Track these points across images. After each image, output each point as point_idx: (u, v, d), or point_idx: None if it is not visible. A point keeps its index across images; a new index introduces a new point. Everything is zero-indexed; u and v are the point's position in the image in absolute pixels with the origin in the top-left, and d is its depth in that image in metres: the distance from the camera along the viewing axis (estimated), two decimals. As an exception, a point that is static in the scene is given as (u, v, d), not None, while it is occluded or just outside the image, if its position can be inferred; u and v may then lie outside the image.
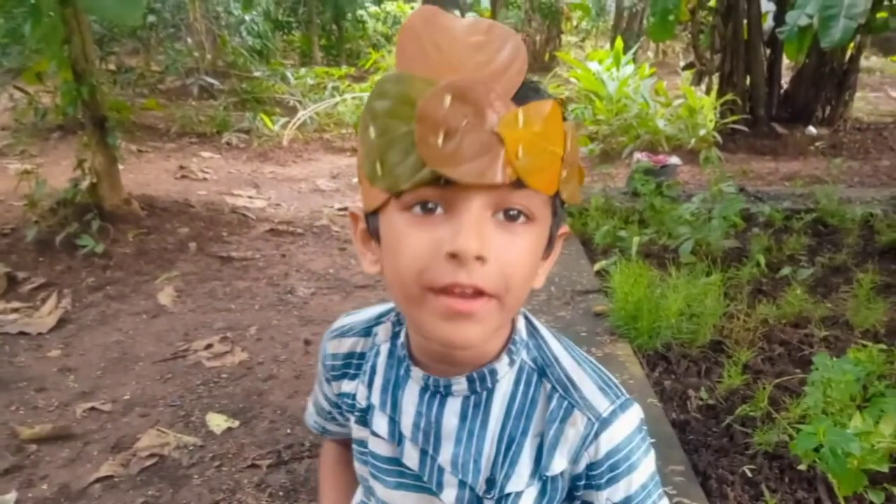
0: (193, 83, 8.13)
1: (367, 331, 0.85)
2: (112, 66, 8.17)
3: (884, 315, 2.62)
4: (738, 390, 2.18)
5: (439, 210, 0.62)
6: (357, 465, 0.87)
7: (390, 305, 0.84)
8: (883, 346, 2.16)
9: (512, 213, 0.63)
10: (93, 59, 3.82)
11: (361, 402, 0.83)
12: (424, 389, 0.76)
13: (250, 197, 4.95)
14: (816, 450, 1.37)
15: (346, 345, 0.86)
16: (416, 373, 0.76)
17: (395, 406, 0.79)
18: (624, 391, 0.76)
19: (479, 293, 0.62)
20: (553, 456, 0.73)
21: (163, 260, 3.61)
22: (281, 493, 1.93)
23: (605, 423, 0.72)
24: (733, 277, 3.01)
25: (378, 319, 0.85)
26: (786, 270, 3.10)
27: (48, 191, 3.77)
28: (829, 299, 2.87)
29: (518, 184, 0.60)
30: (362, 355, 0.84)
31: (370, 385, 0.82)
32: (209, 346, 2.75)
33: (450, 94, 0.58)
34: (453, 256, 0.60)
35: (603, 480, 0.73)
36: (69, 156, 4.69)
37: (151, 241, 3.78)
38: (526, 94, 0.62)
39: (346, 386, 0.86)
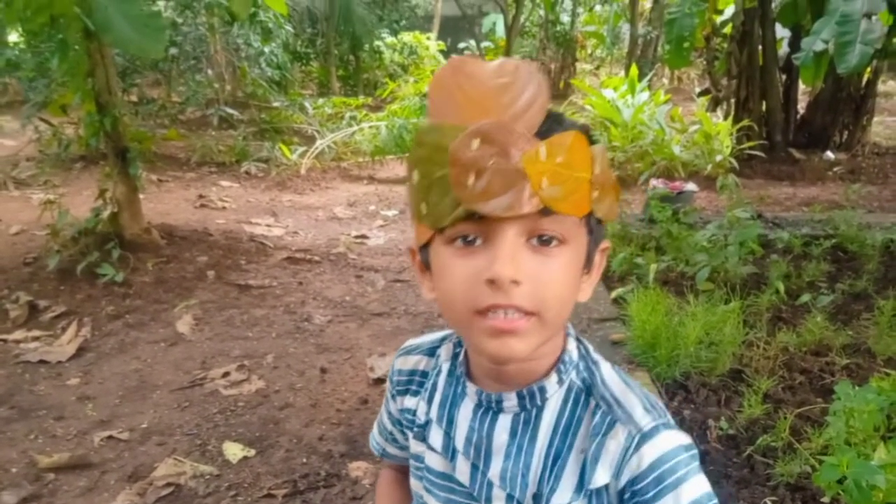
0: (213, 114, 8.25)
1: (431, 351, 0.91)
2: (134, 98, 8.33)
3: (906, 343, 2.58)
4: (759, 420, 2.15)
5: (478, 241, 0.69)
6: (413, 482, 0.92)
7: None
8: (906, 375, 2.12)
9: (544, 237, 0.68)
10: (116, 91, 3.90)
11: (421, 417, 0.88)
12: (478, 406, 0.81)
13: (268, 225, 4.99)
14: (840, 482, 1.35)
15: (412, 362, 0.92)
16: (471, 388, 0.82)
17: (451, 422, 0.84)
18: (669, 416, 0.77)
19: (518, 311, 0.68)
20: (595, 469, 0.75)
21: (181, 288, 3.64)
22: (297, 524, 1.92)
23: (645, 436, 0.73)
24: (752, 305, 2.98)
25: (442, 341, 0.91)
26: (805, 297, 3.07)
27: (70, 220, 3.83)
28: (850, 327, 2.83)
29: (546, 211, 0.66)
30: (425, 373, 0.91)
31: (430, 401, 0.88)
32: (226, 375, 2.76)
33: (477, 137, 0.65)
34: (491, 282, 0.66)
35: (649, 495, 0.72)
36: (91, 185, 4.78)
37: (170, 270, 3.82)
38: (549, 127, 0.68)
39: (409, 402, 0.91)
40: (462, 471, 0.82)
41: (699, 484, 0.73)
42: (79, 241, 3.79)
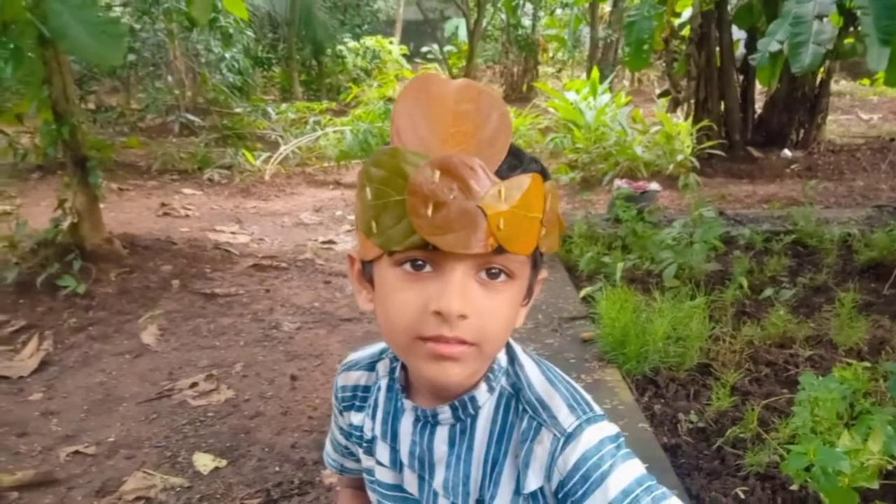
0: (174, 120, 8.14)
1: (371, 366, 0.91)
2: (92, 105, 8.18)
3: (866, 333, 2.66)
4: (728, 412, 2.19)
5: (427, 268, 0.68)
6: (369, 494, 0.93)
7: None
8: (866, 364, 2.18)
9: (493, 271, 0.69)
10: (73, 99, 3.82)
11: (368, 433, 0.90)
12: (417, 420, 0.82)
13: (233, 232, 4.93)
14: (807, 469, 1.38)
15: (353, 378, 0.93)
16: (408, 405, 0.83)
17: (395, 436, 0.85)
18: (595, 409, 0.78)
19: (460, 342, 0.69)
20: (527, 475, 0.76)
21: (146, 298, 3.57)
22: (271, 532, 1.90)
23: (569, 437, 0.74)
24: (717, 300, 3.04)
25: (380, 355, 0.92)
26: (768, 292, 3.13)
27: (28, 231, 3.74)
28: (812, 319, 2.90)
29: (500, 249, 0.67)
30: (367, 388, 0.91)
31: (374, 417, 0.89)
32: (194, 385, 2.72)
33: (438, 169, 0.65)
34: (438, 314, 0.67)
35: (579, 493, 0.73)
36: (49, 196, 4.67)
37: (134, 280, 3.75)
38: (510, 165, 0.68)
39: (355, 418, 0.92)
40: (410, 482, 0.85)
41: (627, 471, 0.73)
42: (38, 253, 3.71)
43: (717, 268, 3.46)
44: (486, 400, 0.79)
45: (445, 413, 0.79)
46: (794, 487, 1.70)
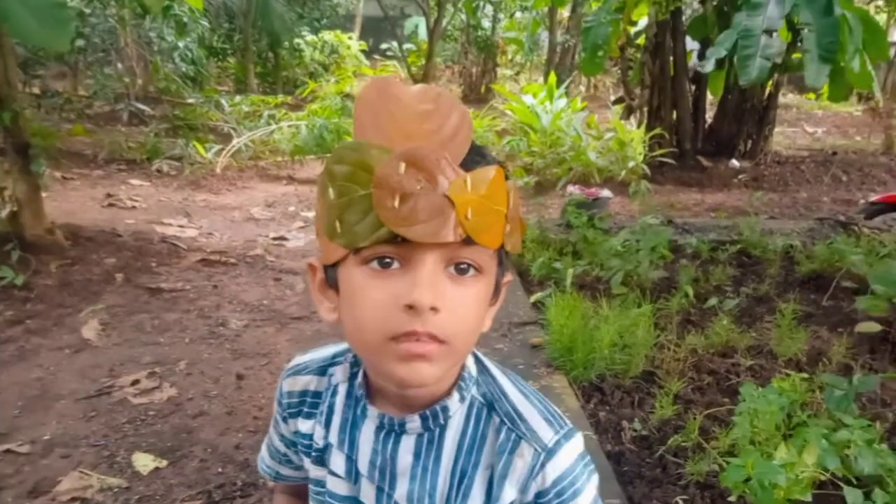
0: (123, 109, 7.93)
1: (322, 370, 0.88)
2: (37, 90, 7.91)
3: (804, 344, 2.74)
4: (670, 420, 2.23)
5: (395, 265, 0.68)
6: None
7: (345, 345, 0.87)
8: (804, 375, 2.25)
9: (462, 266, 0.69)
10: (15, 84, 3.69)
11: (319, 441, 0.85)
12: (380, 428, 0.80)
13: (181, 226, 4.83)
14: (746, 481, 1.42)
15: (301, 383, 0.88)
16: (372, 412, 0.80)
17: (353, 445, 0.82)
18: (567, 421, 0.80)
19: (432, 338, 0.67)
20: (503, 486, 0.76)
21: (88, 292, 3.47)
22: (211, 537, 1.86)
23: (550, 453, 0.76)
24: (663, 308, 3.09)
25: (333, 359, 0.88)
26: (713, 301, 3.20)
27: (-36, 220, 3.60)
28: (753, 328, 2.98)
29: (468, 241, 0.67)
30: (318, 394, 0.87)
31: (328, 425, 0.85)
32: (136, 382, 2.65)
33: (404, 161, 0.65)
34: (410, 308, 0.66)
35: None
36: (-12, 183, 4.50)
37: (76, 273, 3.64)
38: (473, 159, 0.69)
39: (302, 425, 0.88)
40: (367, 494, 0.81)
41: (591, 491, 0.79)
42: (-26, 242, 3.58)
43: (664, 275, 3.53)
44: (456, 410, 0.78)
45: (414, 422, 0.78)
46: (732, 499, 1.74)
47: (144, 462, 2.17)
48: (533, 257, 3.70)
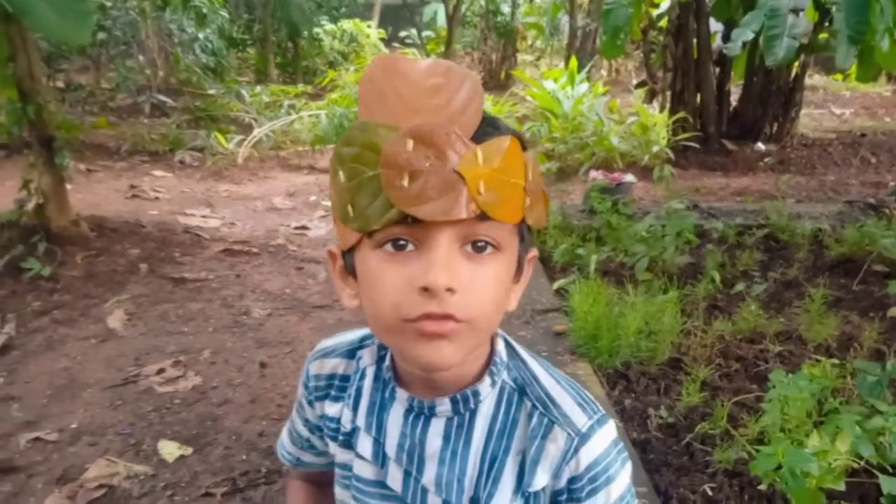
0: (145, 101, 7.99)
1: (350, 353, 0.87)
2: (60, 84, 8.00)
3: (835, 329, 2.68)
4: (697, 408, 2.20)
5: (410, 246, 0.66)
6: (338, 490, 0.88)
7: None
8: (835, 361, 2.20)
9: (479, 244, 0.67)
10: (39, 78, 3.72)
11: (346, 425, 0.85)
12: (409, 411, 0.79)
13: (204, 216, 4.86)
14: (776, 470, 1.39)
15: (329, 366, 0.88)
16: (401, 394, 0.79)
17: (381, 428, 0.81)
18: (600, 407, 0.80)
19: (451, 318, 0.66)
20: (535, 472, 0.76)
21: (113, 282, 3.50)
22: (236, 524, 1.87)
23: (584, 438, 0.76)
24: (689, 294, 3.05)
25: (361, 343, 0.88)
26: (740, 286, 3.15)
27: (-9, 212, 3.65)
28: (782, 314, 2.92)
29: (483, 216, 0.65)
30: (346, 377, 0.86)
31: (355, 408, 0.84)
32: (161, 371, 2.67)
33: (411, 138, 0.63)
34: (425, 290, 0.64)
35: (584, 493, 0.76)
36: (14, 176, 4.55)
37: (101, 264, 3.68)
38: (485, 131, 0.66)
39: (329, 409, 0.87)
40: (394, 478, 0.80)
41: (625, 476, 0.79)
42: (1, 235, 3.62)
43: (689, 261, 3.48)
44: (487, 394, 0.77)
45: (444, 405, 0.77)
46: (762, 487, 1.70)
47: (170, 450, 2.18)
48: (555, 244, 3.67)
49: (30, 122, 3.63)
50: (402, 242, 0.66)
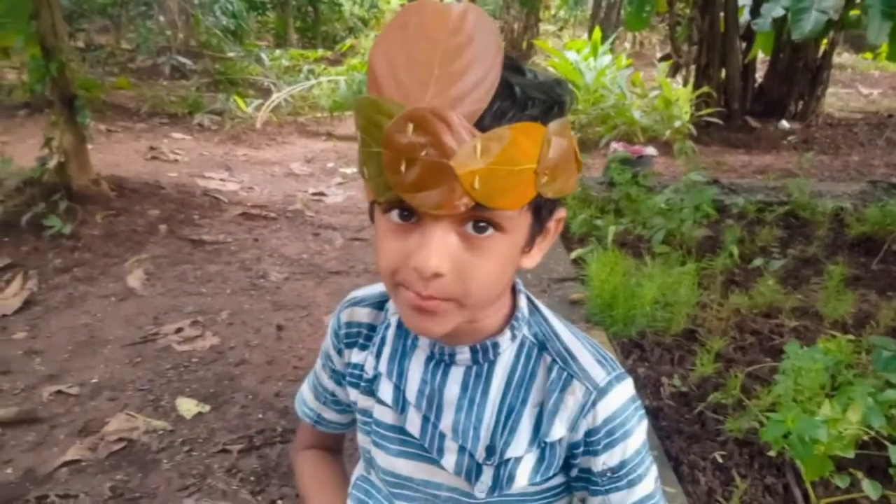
0: (165, 62, 7.98)
1: (380, 304, 0.89)
2: (81, 44, 8.01)
3: (852, 306, 2.66)
4: (710, 378, 2.20)
5: (414, 218, 0.66)
6: (360, 437, 0.90)
7: None
8: (851, 337, 2.19)
9: (481, 224, 0.65)
10: (62, 36, 3.72)
11: (369, 371, 0.86)
12: (430, 358, 0.81)
13: (222, 180, 4.88)
14: (786, 436, 1.39)
15: (359, 315, 0.89)
16: (423, 341, 0.81)
17: (402, 374, 0.83)
18: (619, 365, 0.80)
19: (437, 298, 0.67)
20: (553, 423, 0.77)
21: (132, 242, 3.54)
22: (252, 478, 1.91)
23: (602, 392, 0.76)
24: (707, 267, 3.04)
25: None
26: (758, 261, 3.13)
27: (14, 170, 3.69)
28: (799, 290, 2.91)
29: (481, 206, 0.63)
30: (373, 327, 0.88)
31: (378, 355, 0.86)
32: (179, 330, 2.71)
33: (412, 122, 0.60)
34: (415, 269, 0.65)
35: (600, 446, 0.77)
36: (36, 134, 4.59)
37: (120, 223, 3.71)
38: (497, 113, 0.62)
39: (356, 356, 0.88)
40: (413, 423, 0.82)
41: (641, 433, 0.79)
42: (23, 192, 3.66)
43: (708, 234, 3.46)
44: (507, 346, 0.79)
45: (464, 353, 0.78)
46: (771, 454, 1.71)
47: (188, 406, 2.23)
48: (574, 214, 3.65)
49: (52, 80, 3.64)
50: (406, 213, 0.66)
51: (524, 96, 0.63)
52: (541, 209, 0.70)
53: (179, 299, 3.01)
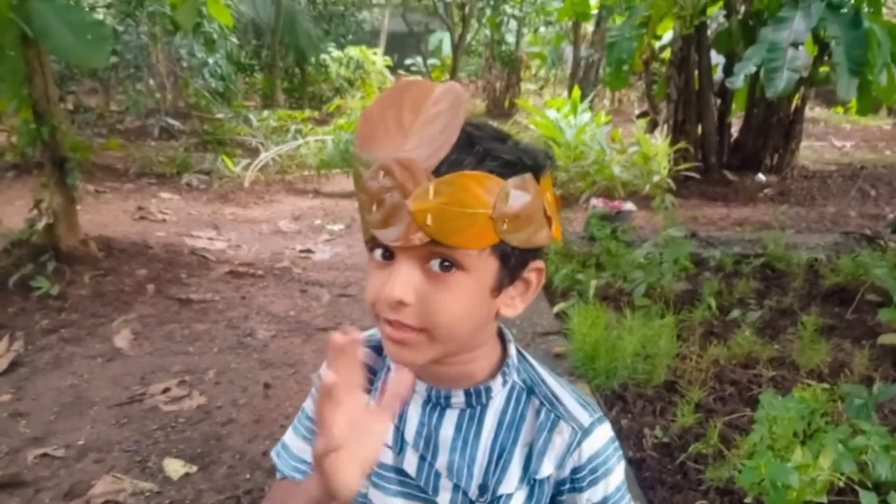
0: (154, 124, 8.10)
1: (379, 349, 0.93)
2: (70, 106, 8.12)
3: (827, 356, 2.73)
4: (691, 428, 2.24)
5: (391, 258, 0.76)
6: None
7: None
8: (826, 386, 2.25)
9: (446, 263, 0.74)
10: (54, 100, 3.80)
11: None
12: (427, 402, 0.88)
13: (210, 238, 4.92)
14: (760, 483, 1.43)
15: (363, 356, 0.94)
16: (421, 386, 0.87)
17: (401, 417, 0.89)
18: (599, 409, 0.89)
19: (407, 327, 0.75)
20: (542, 461, 0.85)
21: (120, 302, 3.56)
22: (239, 538, 1.91)
23: (586, 432, 0.85)
24: (686, 320, 3.10)
25: None
26: (735, 313, 3.20)
27: (2, 231, 3.71)
28: (776, 341, 2.97)
29: (437, 241, 0.72)
30: (373, 371, 0.93)
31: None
32: (166, 390, 2.72)
33: (382, 171, 0.72)
34: (384, 297, 0.74)
35: (585, 483, 0.86)
36: (24, 195, 4.64)
37: (108, 283, 3.74)
38: (452, 163, 0.72)
39: None
40: (410, 463, 0.88)
41: (620, 471, 0.88)
42: (11, 253, 3.69)
43: (687, 288, 3.53)
44: (499, 391, 0.86)
45: (459, 397, 0.85)
46: (748, 501, 1.75)
47: (175, 467, 2.23)
48: (556, 269, 3.72)
49: (43, 143, 3.71)
50: (387, 254, 0.76)
51: (483, 152, 0.73)
52: (509, 257, 0.77)
53: (167, 359, 3.02)
